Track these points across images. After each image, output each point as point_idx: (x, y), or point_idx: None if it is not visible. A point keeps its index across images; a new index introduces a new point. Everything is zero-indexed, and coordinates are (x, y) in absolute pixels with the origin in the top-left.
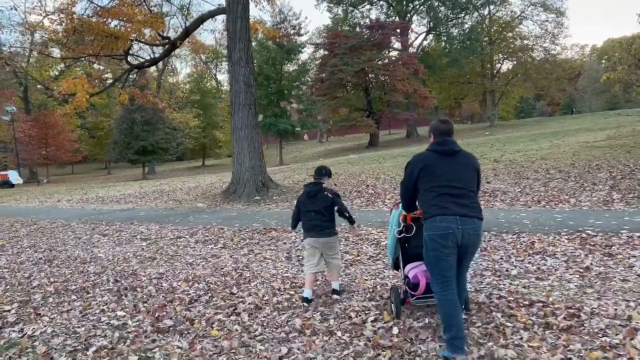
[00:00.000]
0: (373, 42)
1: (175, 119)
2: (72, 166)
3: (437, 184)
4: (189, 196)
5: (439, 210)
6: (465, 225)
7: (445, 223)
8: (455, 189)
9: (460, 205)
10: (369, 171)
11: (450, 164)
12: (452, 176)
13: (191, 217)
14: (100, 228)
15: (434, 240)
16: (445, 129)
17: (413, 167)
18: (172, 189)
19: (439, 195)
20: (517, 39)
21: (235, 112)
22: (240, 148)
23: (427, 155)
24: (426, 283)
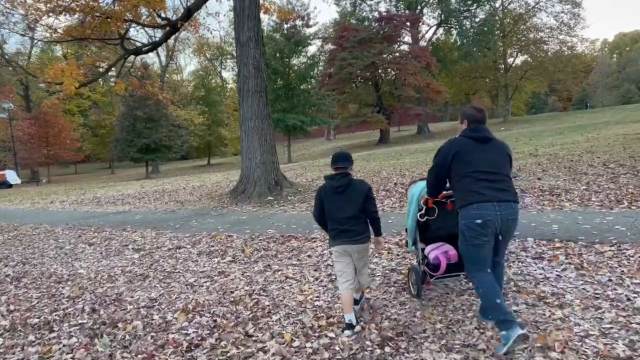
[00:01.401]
0: (383, 35)
1: (180, 116)
2: (75, 166)
3: (472, 169)
4: (193, 197)
5: (476, 197)
6: (504, 210)
7: (483, 210)
8: (491, 174)
9: (497, 190)
10: (389, 168)
11: (485, 150)
12: (487, 162)
13: (194, 222)
14: (88, 235)
15: (471, 228)
16: (479, 117)
17: (447, 152)
18: (174, 189)
19: (475, 181)
20: (531, 31)
21: (244, 100)
22: (250, 141)
23: (461, 141)
24: (446, 264)
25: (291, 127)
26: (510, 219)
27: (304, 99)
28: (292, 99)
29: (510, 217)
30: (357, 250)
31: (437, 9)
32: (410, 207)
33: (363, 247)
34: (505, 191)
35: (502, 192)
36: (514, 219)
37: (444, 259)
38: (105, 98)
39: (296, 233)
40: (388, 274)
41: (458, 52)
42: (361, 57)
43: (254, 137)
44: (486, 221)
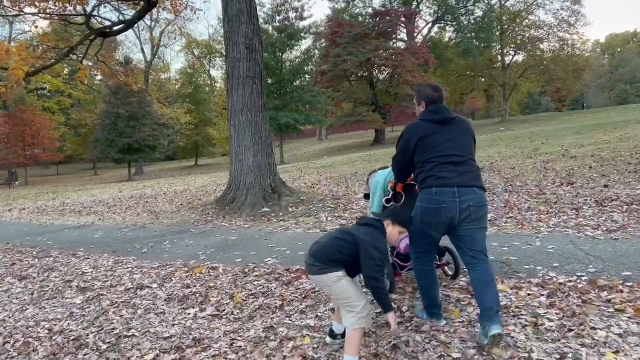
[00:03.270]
0: (379, 31)
1: (165, 115)
2: (57, 167)
3: (435, 155)
4: (172, 206)
5: (437, 182)
6: (465, 197)
7: (441, 197)
8: (456, 157)
9: (460, 174)
10: None
11: (448, 132)
12: (451, 145)
13: (167, 243)
14: (24, 263)
15: (424, 213)
16: (436, 96)
17: (409, 138)
18: (154, 194)
19: (438, 165)
20: (531, 28)
21: (234, 88)
22: (241, 139)
23: (423, 125)
24: None
25: (284, 126)
26: (472, 205)
27: (298, 96)
28: (285, 96)
29: (472, 204)
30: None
31: (434, 5)
32: (374, 196)
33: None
34: (468, 175)
35: (464, 176)
36: (478, 207)
37: None
38: (88, 96)
39: None
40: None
41: (456, 49)
42: (356, 54)
43: (246, 133)
44: (441, 209)
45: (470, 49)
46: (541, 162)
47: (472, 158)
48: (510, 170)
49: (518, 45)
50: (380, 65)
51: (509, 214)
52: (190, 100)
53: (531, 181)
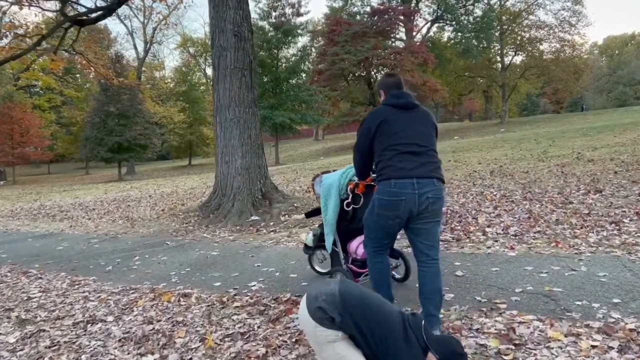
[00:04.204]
0: (377, 29)
1: (158, 113)
2: (49, 166)
3: (396, 142)
4: (152, 211)
5: (396, 172)
6: (424, 189)
7: (399, 188)
8: (416, 146)
9: (419, 165)
10: None
11: (409, 119)
12: (412, 132)
13: (137, 259)
14: None
15: (382, 205)
16: (395, 82)
17: (370, 123)
18: (139, 197)
19: (398, 154)
20: (531, 28)
21: (220, 81)
22: (227, 138)
23: (384, 110)
24: None
25: (279, 126)
26: (430, 197)
27: (294, 94)
28: (281, 94)
29: (431, 196)
30: None
31: (433, 4)
32: (327, 200)
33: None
34: (428, 166)
35: (424, 167)
36: (436, 198)
37: None
38: (79, 93)
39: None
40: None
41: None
42: (354, 52)
43: (233, 132)
44: (399, 201)
45: (469, 49)
46: (556, 166)
47: (433, 149)
48: (524, 175)
49: (518, 45)
50: (378, 64)
51: (535, 227)
52: (184, 99)
53: (551, 187)
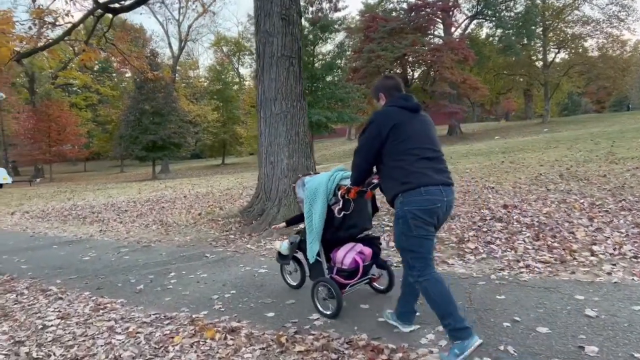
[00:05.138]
0: (415, 25)
1: (192, 112)
2: (85, 163)
3: (413, 146)
4: (188, 216)
5: (423, 179)
6: (449, 196)
7: (432, 195)
8: (432, 151)
9: (439, 171)
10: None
11: (420, 122)
12: (425, 137)
13: (173, 275)
14: None
15: (417, 217)
16: (395, 84)
17: (381, 126)
18: (173, 197)
19: (418, 160)
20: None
21: (265, 70)
22: (273, 135)
23: (395, 112)
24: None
25: (315, 124)
26: (451, 205)
27: (330, 92)
28: (317, 92)
29: (451, 204)
30: None
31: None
32: (312, 205)
33: None
34: (446, 172)
35: (444, 174)
36: (452, 206)
37: (361, 261)
38: (115, 92)
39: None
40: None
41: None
42: (391, 49)
43: (279, 128)
44: (435, 208)
45: (511, 45)
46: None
47: (443, 153)
48: (603, 179)
49: (561, 41)
50: (415, 61)
51: None
52: (218, 97)
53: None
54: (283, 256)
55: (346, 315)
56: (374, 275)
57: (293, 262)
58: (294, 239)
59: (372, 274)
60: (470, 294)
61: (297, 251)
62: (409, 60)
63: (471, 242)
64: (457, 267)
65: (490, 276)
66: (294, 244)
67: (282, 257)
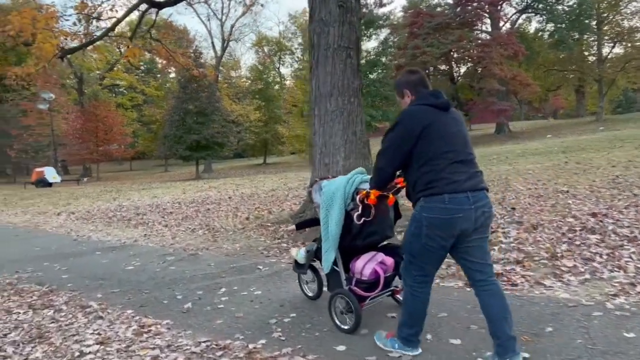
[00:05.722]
0: (462, 19)
1: (235, 111)
2: (130, 163)
3: (446, 149)
4: (236, 219)
5: (450, 186)
6: (479, 202)
7: (456, 205)
8: (464, 154)
9: (470, 176)
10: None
11: (451, 121)
12: (458, 137)
13: (224, 291)
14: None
15: (433, 225)
16: (420, 79)
17: (411, 125)
18: (218, 199)
19: (449, 164)
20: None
21: (320, 63)
22: (328, 134)
23: (426, 111)
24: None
25: None
26: (486, 211)
27: (375, 90)
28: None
29: (486, 210)
30: None
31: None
32: (328, 210)
33: None
34: (478, 176)
35: (475, 178)
36: (490, 212)
37: (382, 272)
38: (159, 92)
39: None
40: None
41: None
42: (437, 45)
43: (334, 126)
44: (456, 219)
45: (564, 39)
46: None
47: (474, 155)
48: None
49: (617, 35)
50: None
51: None
52: (260, 97)
53: None
54: (300, 265)
55: (441, 350)
56: (397, 287)
57: (310, 271)
58: (311, 247)
59: (395, 286)
60: (587, 329)
61: (314, 260)
62: (454, 56)
63: (566, 259)
64: (558, 290)
65: (604, 304)
66: (311, 252)
67: (299, 266)
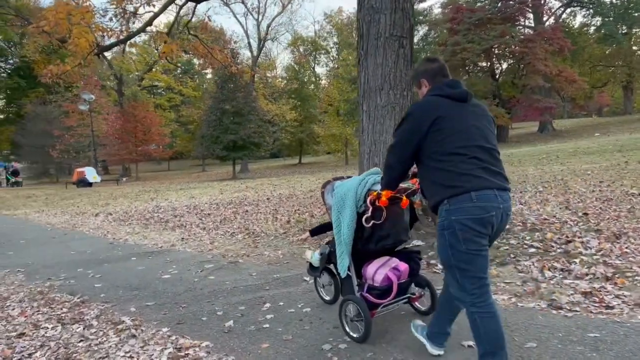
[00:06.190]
0: (504, 14)
1: (271, 111)
2: (168, 162)
3: (460, 144)
4: (277, 222)
5: (475, 182)
6: (506, 202)
7: (486, 202)
8: (483, 150)
9: (493, 173)
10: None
11: (469, 113)
12: (476, 131)
13: (268, 308)
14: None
15: (468, 227)
16: (440, 67)
17: (421, 118)
18: (255, 199)
19: (467, 159)
20: None
21: (369, 54)
22: (378, 132)
23: (438, 102)
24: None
25: None
26: (509, 215)
27: None
28: None
29: (509, 213)
30: None
31: None
32: (340, 213)
33: None
34: (501, 175)
35: (500, 177)
36: (509, 214)
37: (395, 277)
38: (196, 93)
39: None
40: None
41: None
42: (478, 41)
43: (385, 123)
44: (490, 217)
45: (613, 34)
46: None
47: (499, 150)
48: None
49: None
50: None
51: None
52: (295, 97)
53: None
54: (314, 268)
55: None
56: (413, 294)
57: (327, 274)
58: (324, 250)
59: (412, 293)
60: None
61: (329, 262)
62: (495, 52)
63: None
64: None
65: None
66: (324, 255)
67: (314, 269)
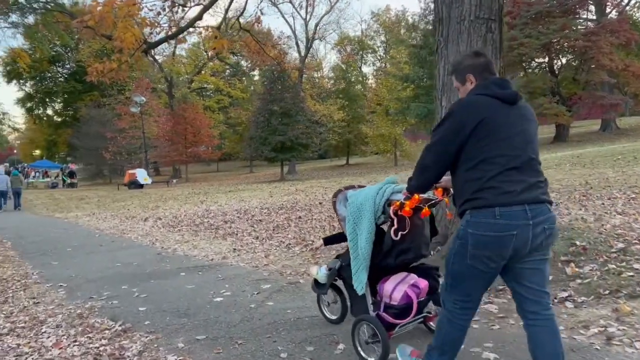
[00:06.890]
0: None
1: (319, 111)
2: (217, 164)
3: (503, 152)
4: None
5: (502, 197)
6: (538, 217)
7: (509, 220)
8: (525, 159)
9: (530, 186)
10: None
11: (518, 118)
12: (522, 138)
13: (343, 349)
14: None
15: (482, 244)
16: (486, 63)
17: (464, 119)
18: (307, 204)
19: (504, 170)
20: None
21: (450, 41)
22: None
23: (485, 102)
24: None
25: None
26: (546, 228)
27: None
28: None
29: (546, 227)
30: None
31: None
32: (357, 224)
33: None
34: (539, 187)
35: (537, 189)
36: (552, 230)
37: (415, 297)
38: (245, 94)
39: None
40: None
41: None
42: (536, 36)
43: None
44: (509, 237)
45: None
46: None
47: (539, 159)
48: None
49: None
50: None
51: None
52: (343, 96)
53: None
54: (320, 285)
55: None
56: (430, 312)
57: (332, 291)
58: (334, 264)
59: (428, 312)
60: None
61: (336, 279)
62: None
63: None
64: None
65: None
66: (333, 271)
67: (319, 286)
